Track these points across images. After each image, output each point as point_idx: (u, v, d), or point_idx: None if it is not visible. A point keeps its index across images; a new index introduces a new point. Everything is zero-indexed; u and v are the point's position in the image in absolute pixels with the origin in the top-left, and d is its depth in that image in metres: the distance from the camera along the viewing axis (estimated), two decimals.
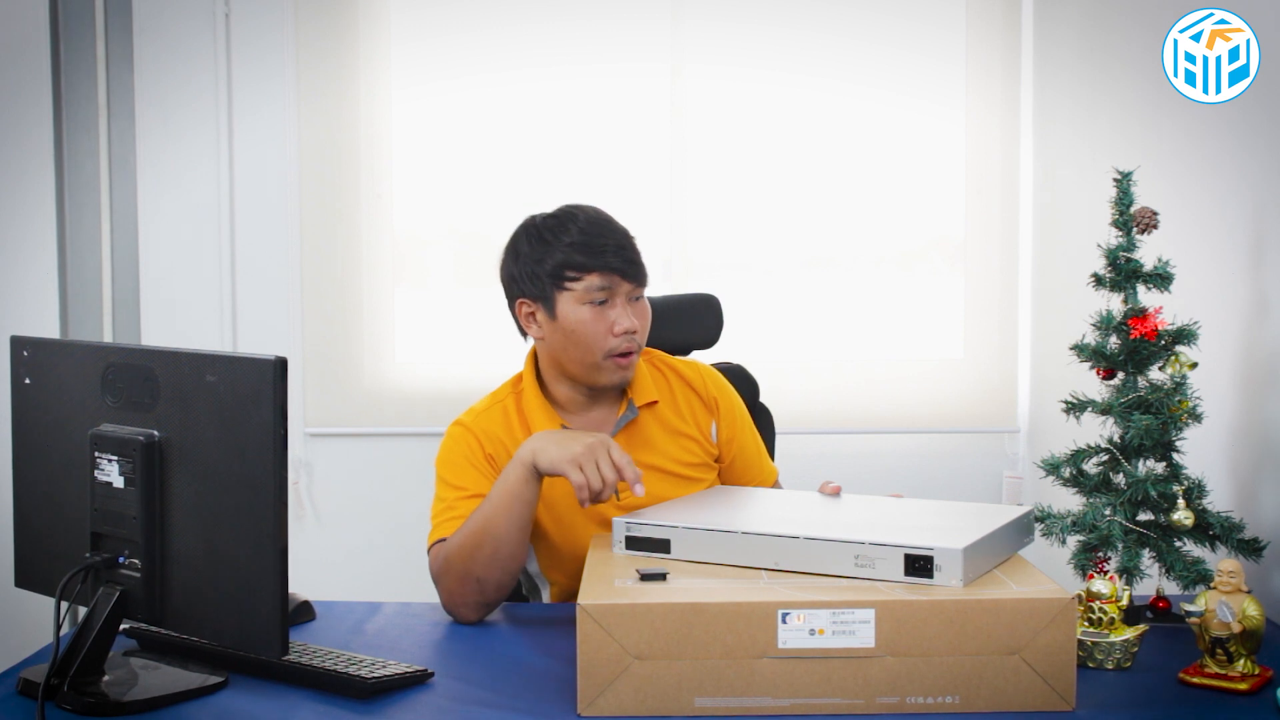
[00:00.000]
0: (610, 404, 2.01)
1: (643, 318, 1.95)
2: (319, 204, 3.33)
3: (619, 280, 1.90)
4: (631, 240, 1.94)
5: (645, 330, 1.96)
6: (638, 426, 2.00)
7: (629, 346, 1.92)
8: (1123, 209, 1.86)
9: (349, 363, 3.37)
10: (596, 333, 1.90)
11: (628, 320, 1.90)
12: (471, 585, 1.79)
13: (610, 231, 1.93)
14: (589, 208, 1.97)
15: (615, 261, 1.90)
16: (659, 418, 2.02)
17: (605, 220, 1.95)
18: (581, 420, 2.00)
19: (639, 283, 1.93)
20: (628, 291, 1.92)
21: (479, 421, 1.99)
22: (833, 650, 1.39)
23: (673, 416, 2.03)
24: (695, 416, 2.05)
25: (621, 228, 1.95)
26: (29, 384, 1.63)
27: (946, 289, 3.42)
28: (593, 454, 1.71)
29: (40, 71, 2.95)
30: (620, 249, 1.91)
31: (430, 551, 1.87)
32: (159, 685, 1.50)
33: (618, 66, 3.33)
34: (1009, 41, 3.31)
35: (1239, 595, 1.51)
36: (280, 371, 1.37)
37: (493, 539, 1.77)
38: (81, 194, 3.11)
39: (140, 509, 1.47)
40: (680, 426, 2.03)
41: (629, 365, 1.93)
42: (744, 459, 2.09)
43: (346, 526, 3.37)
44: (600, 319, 1.90)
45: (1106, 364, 1.87)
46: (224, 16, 3.27)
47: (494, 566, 1.77)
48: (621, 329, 1.90)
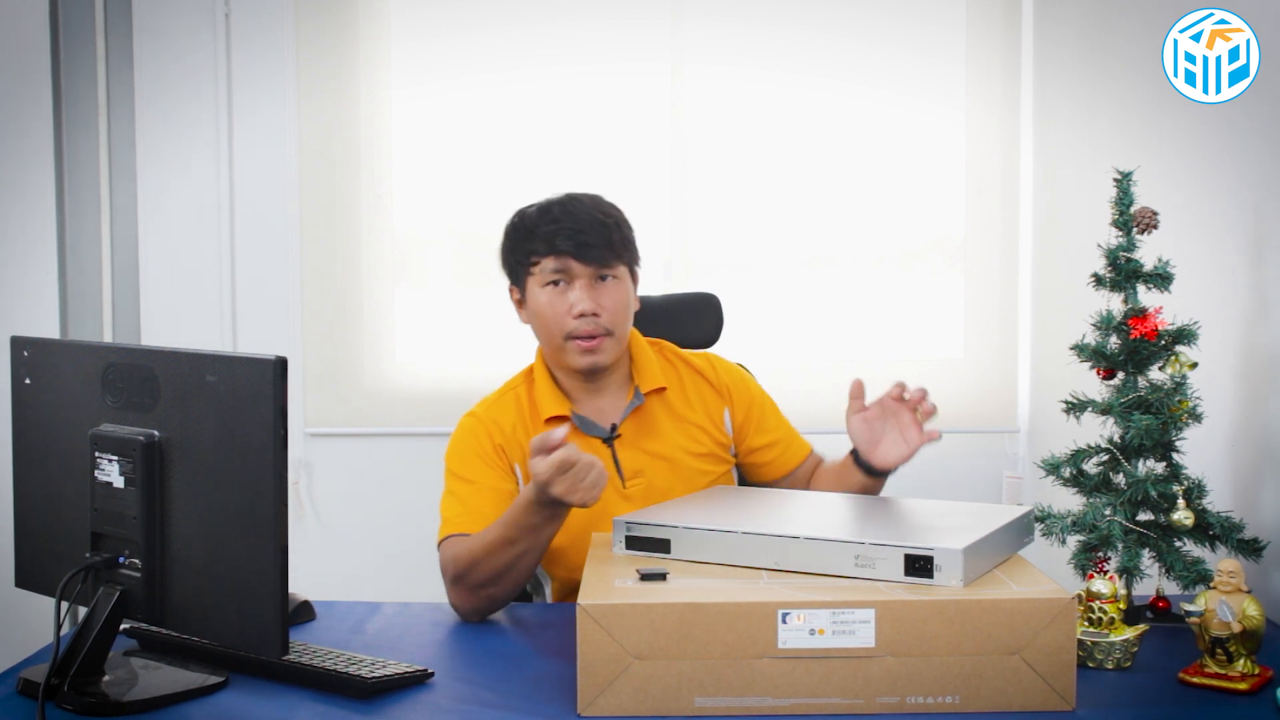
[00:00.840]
0: (617, 391, 2.02)
1: (612, 300, 1.93)
2: (319, 204, 3.33)
3: (571, 262, 1.92)
4: (599, 223, 1.93)
5: (616, 313, 1.94)
6: (645, 414, 2.01)
7: (589, 329, 1.92)
8: (1123, 209, 1.86)
9: (349, 363, 3.37)
10: (555, 314, 1.93)
11: (584, 303, 1.91)
12: (484, 597, 1.80)
13: (570, 215, 1.93)
14: (574, 195, 1.99)
15: (565, 245, 1.91)
16: (667, 405, 2.03)
17: (573, 206, 1.95)
18: (589, 407, 2.01)
19: (597, 264, 1.92)
20: (589, 274, 1.93)
21: (490, 412, 2.01)
22: (833, 650, 1.39)
23: (681, 405, 2.04)
24: (706, 405, 2.05)
25: (593, 213, 1.94)
26: (29, 384, 1.63)
27: (946, 289, 3.42)
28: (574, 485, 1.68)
29: (40, 71, 2.95)
30: (576, 232, 1.91)
31: (440, 547, 1.87)
32: (159, 685, 1.50)
33: (618, 66, 3.33)
34: (1009, 41, 3.31)
35: (1239, 595, 1.51)
36: (280, 371, 1.37)
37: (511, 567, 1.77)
38: (81, 194, 3.11)
39: (140, 509, 1.47)
40: (688, 415, 2.03)
41: (595, 349, 1.93)
42: (768, 438, 2.08)
43: (346, 526, 3.37)
44: (558, 301, 1.93)
45: (1107, 364, 1.87)
46: (224, 16, 3.27)
47: (508, 584, 1.79)
48: (578, 310, 1.91)
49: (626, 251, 1.98)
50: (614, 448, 1.99)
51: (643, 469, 1.99)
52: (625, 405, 2.01)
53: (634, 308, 2.01)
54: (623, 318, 1.97)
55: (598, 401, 2.01)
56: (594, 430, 1.99)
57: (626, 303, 1.97)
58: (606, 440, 1.99)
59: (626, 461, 1.99)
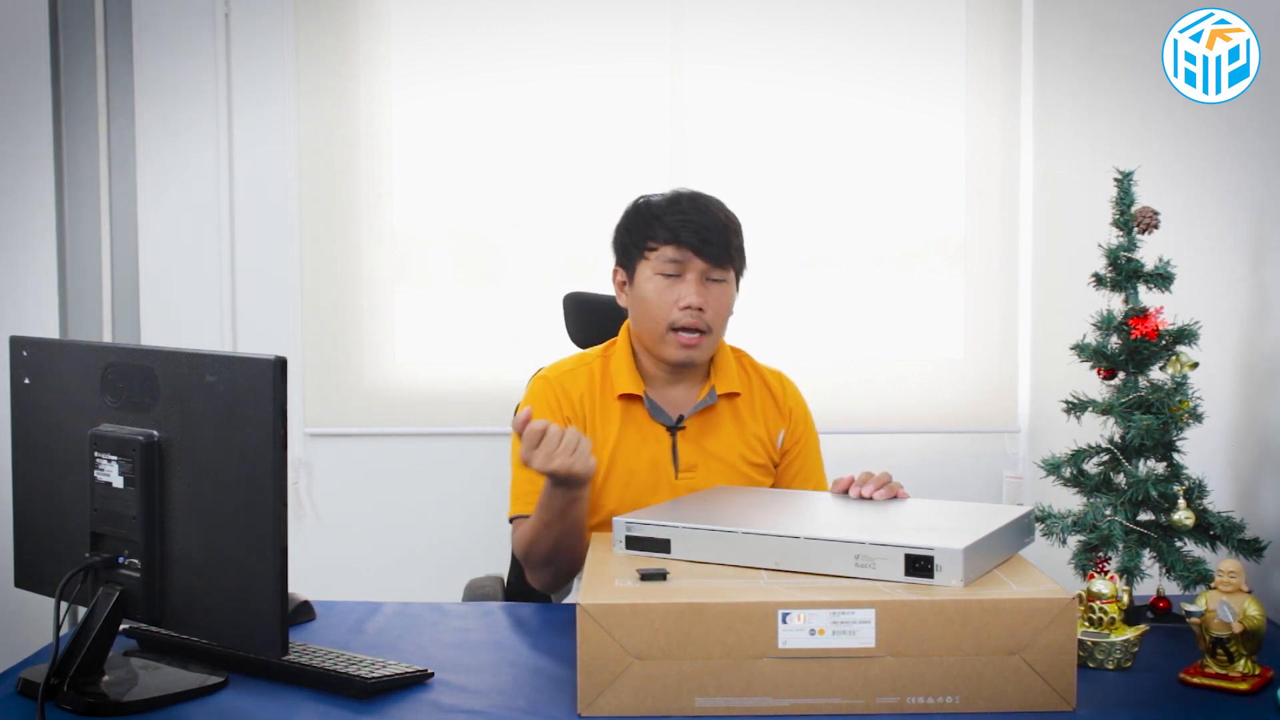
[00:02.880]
0: (692, 385, 2.06)
1: (717, 301, 1.98)
2: (319, 204, 3.33)
3: (691, 256, 1.96)
4: (722, 225, 1.98)
5: (718, 314, 1.99)
6: (713, 413, 2.05)
7: (692, 322, 1.96)
8: (1123, 209, 1.86)
9: (349, 363, 3.37)
10: (663, 303, 1.97)
11: (693, 296, 1.95)
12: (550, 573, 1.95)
13: (697, 210, 1.98)
14: (700, 193, 2.03)
15: (690, 237, 1.95)
16: (735, 411, 2.07)
17: (701, 202, 2.00)
18: (662, 395, 2.05)
19: (714, 263, 1.97)
20: (702, 270, 1.97)
21: (563, 380, 2.06)
22: (833, 650, 1.39)
23: (747, 413, 2.08)
24: (767, 420, 2.10)
25: (717, 214, 2.00)
26: (29, 384, 1.63)
27: (946, 289, 3.42)
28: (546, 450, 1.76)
29: (40, 71, 2.94)
30: (701, 227, 1.96)
31: (511, 524, 2.00)
32: (159, 685, 1.50)
33: (618, 66, 3.33)
34: (1009, 41, 3.31)
35: (1239, 595, 1.51)
36: (280, 371, 1.37)
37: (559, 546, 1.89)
38: (81, 194, 3.11)
39: (140, 509, 1.47)
40: (751, 424, 2.08)
41: (694, 345, 1.98)
42: (801, 466, 2.12)
43: (346, 526, 3.37)
44: (668, 291, 1.97)
45: (1107, 364, 1.87)
46: (224, 16, 3.27)
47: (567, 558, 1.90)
48: (685, 303, 1.95)
49: (739, 258, 2.03)
50: (675, 438, 2.02)
51: (697, 465, 2.02)
52: (697, 400, 2.04)
53: (732, 313, 2.05)
54: (723, 319, 2.02)
55: (672, 391, 2.05)
56: (661, 417, 2.03)
57: (729, 306, 2.02)
58: (671, 429, 2.02)
59: (684, 454, 2.02)
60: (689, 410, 2.04)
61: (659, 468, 2.01)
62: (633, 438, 2.02)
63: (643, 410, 2.03)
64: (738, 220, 2.05)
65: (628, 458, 2.01)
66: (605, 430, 2.02)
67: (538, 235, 3.35)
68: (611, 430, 2.02)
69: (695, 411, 2.04)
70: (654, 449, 2.02)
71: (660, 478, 2.01)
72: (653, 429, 2.03)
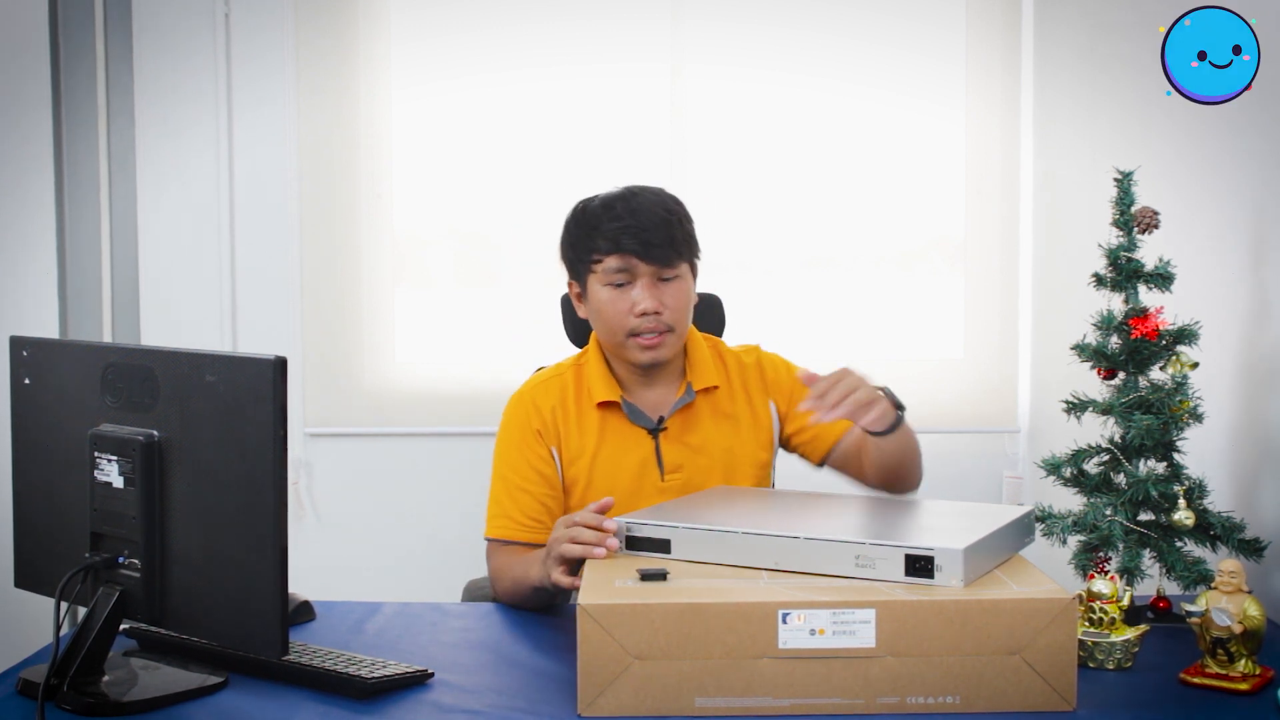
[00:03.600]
0: (669, 385, 2.04)
1: (673, 299, 1.95)
2: (319, 204, 3.33)
3: (637, 262, 1.93)
4: (663, 221, 1.94)
5: (677, 311, 1.96)
6: (694, 410, 2.03)
7: (652, 326, 1.94)
8: (1123, 209, 1.86)
9: (349, 363, 3.37)
10: (618, 313, 1.95)
11: (647, 301, 1.93)
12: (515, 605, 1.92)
13: (634, 213, 1.93)
14: (635, 190, 1.98)
15: (630, 243, 1.92)
16: (715, 404, 2.04)
17: (637, 202, 1.95)
18: (640, 398, 2.03)
19: (662, 263, 1.94)
20: (651, 273, 1.94)
21: (535, 393, 2.05)
22: (833, 650, 1.39)
23: (728, 404, 2.05)
24: (752, 402, 2.06)
25: (656, 210, 1.95)
26: (29, 384, 1.63)
27: (946, 289, 3.42)
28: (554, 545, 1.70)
29: (40, 71, 2.94)
30: (640, 230, 1.92)
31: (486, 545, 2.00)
32: (159, 685, 1.50)
33: (618, 66, 3.33)
34: (1009, 41, 3.31)
35: (1240, 595, 1.51)
36: (280, 371, 1.37)
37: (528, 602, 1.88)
38: (81, 194, 3.11)
39: (140, 509, 1.47)
40: (735, 413, 2.04)
41: (656, 345, 1.95)
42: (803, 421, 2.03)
43: (346, 526, 3.37)
44: (621, 300, 1.94)
45: (1107, 364, 1.87)
46: (224, 16, 3.27)
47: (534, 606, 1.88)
48: (640, 309, 1.93)
49: (688, 248, 1.99)
50: (658, 440, 2.01)
51: (683, 464, 2.01)
52: (675, 399, 2.03)
53: (693, 303, 2.03)
54: (684, 315, 1.99)
55: (649, 393, 2.04)
56: (641, 420, 2.01)
57: (688, 300, 1.99)
58: (652, 432, 2.01)
59: (669, 455, 2.01)
60: (669, 410, 2.02)
61: (644, 471, 2.00)
62: (614, 444, 2.01)
63: (622, 416, 2.01)
64: (681, 208, 2.00)
65: (609, 465, 1.99)
66: (582, 440, 2.00)
67: (538, 235, 3.34)
68: (589, 440, 2.00)
69: (674, 411, 2.02)
70: (637, 453, 2.00)
71: (646, 481, 2.00)
72: (634, 433, 2.01)
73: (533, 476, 1.99)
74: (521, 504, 1.98)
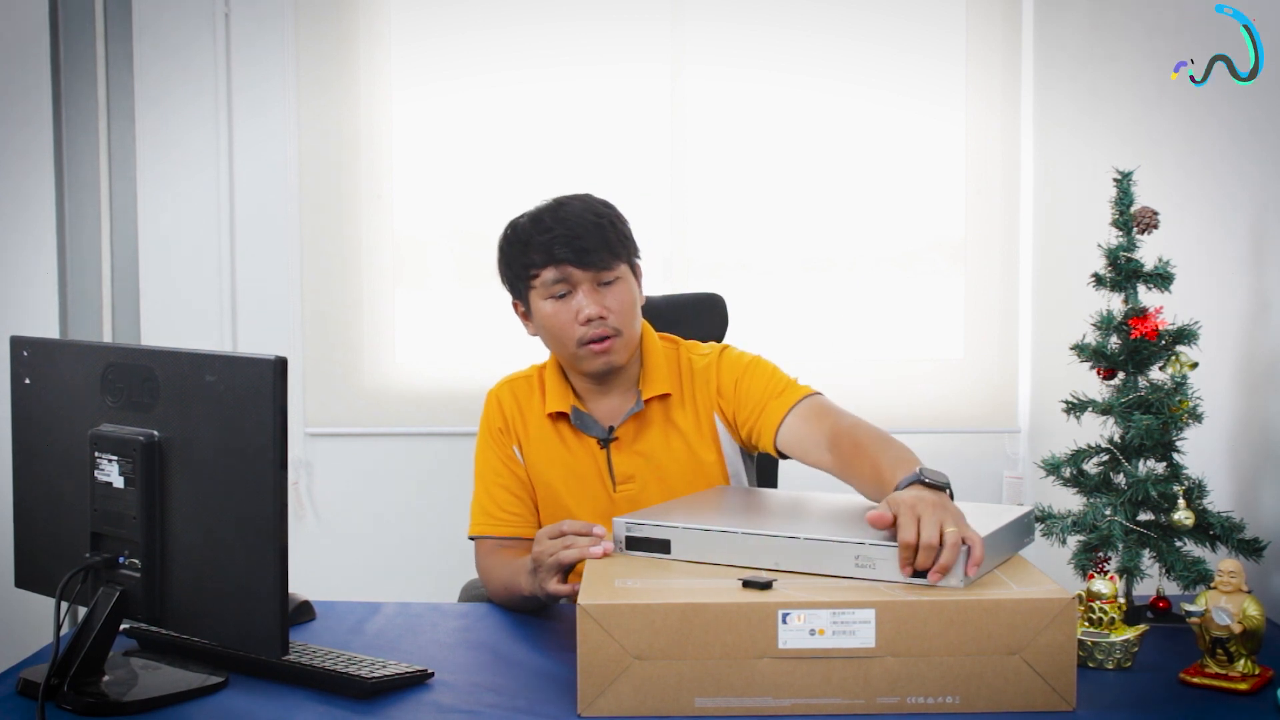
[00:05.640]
0: (624, 393, 2.02)
1: (617, 302, 1.93)
2: (319, 204, 3.33)
3: (571, 269, 1.91)
4: (593, 225, 1.91)
5: (622, 313, 1.93)
6: (645, 419, 2.01)
7: (600, 332, 1.92)
8: (1123, 209, 1.86)
9: (349, 363, 3.37)
10: (563, 324, 1.93)
11: (590, 307, 1.91)
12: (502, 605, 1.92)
13: (562, 222, 1.91)
14: (562, 200, 1.97)
15: (562, 253, 1.90)
16: (667, 412, 2.01)
17: (564, 211, 1.93)
18: (597, 407, 2.02)
19: (599, 268, 1.91)
20: (590, 279, 1.92)
21: (500, 391, 2.08)
22: (833, 650, 1.39)
23: (679, 413, 2.01)
24: (699, 412, 2.01)
25: (585, 216, 1.92)
26: (29, 384, 1.63)
27: (946, 289, 3.42)
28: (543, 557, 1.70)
29: (40, 71, 2.94)
30: (572, 238, 1.90)
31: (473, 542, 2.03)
32: (159, 685, 1.50)
33: (618, 66, 3.33)
34: (1009, 42, 3.31)
35: (1239, 595, 1.51)
36: (280, 371, 1.37)
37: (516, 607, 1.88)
38: (81, 194, 3.11)
39: (140, 509, 1.47)
40: (683, 424, 2.00)
41: (609, 350, 1.93)
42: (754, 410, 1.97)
43: (346, 526, 3.37)
44: (564, 311, 1.93)
45: (1107, 364, 1.87)
46: (224, 16, 3.27)
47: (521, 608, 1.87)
48: (585, 316, 1.91)
49: (624, 248, 1.96)
50: (609, 450, 1.99)
51: (634, 474, 1.99)
52: (629, 408, 2.00)
53: (640, 302, 2.00)
54: (630, 316, 1.96)
55: (605, 402, 2.01)
56: (593, 430, 1.99)
57: (632, 301, 1.96)
58: (602, 443, 1.99)
59: (619, 465, 1.99)
60: (619, 420, 1.99)
61: (595, 482, 1.98)
62: (563, 456, 2.00)
63: (573, 427, 1.99)
64: (611, 209, 1.97)
65: (564, 473, 1.99)
66: (540, 447, 2.01)
67: None
68: (546, 447, 2.00)
69: (625, 420, 1.99)
70: (587, 464, 1.99)
71: (598, 492, 1.98)
72: (584, 444, 1.99)
73: (504, 472, 2.02)
74: (498, 499, 2.01)
